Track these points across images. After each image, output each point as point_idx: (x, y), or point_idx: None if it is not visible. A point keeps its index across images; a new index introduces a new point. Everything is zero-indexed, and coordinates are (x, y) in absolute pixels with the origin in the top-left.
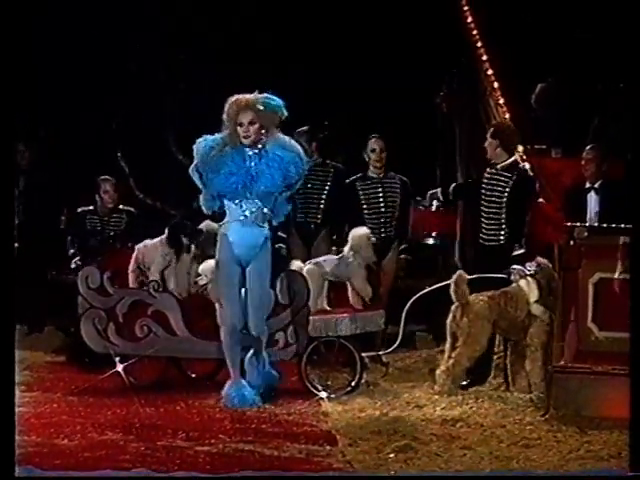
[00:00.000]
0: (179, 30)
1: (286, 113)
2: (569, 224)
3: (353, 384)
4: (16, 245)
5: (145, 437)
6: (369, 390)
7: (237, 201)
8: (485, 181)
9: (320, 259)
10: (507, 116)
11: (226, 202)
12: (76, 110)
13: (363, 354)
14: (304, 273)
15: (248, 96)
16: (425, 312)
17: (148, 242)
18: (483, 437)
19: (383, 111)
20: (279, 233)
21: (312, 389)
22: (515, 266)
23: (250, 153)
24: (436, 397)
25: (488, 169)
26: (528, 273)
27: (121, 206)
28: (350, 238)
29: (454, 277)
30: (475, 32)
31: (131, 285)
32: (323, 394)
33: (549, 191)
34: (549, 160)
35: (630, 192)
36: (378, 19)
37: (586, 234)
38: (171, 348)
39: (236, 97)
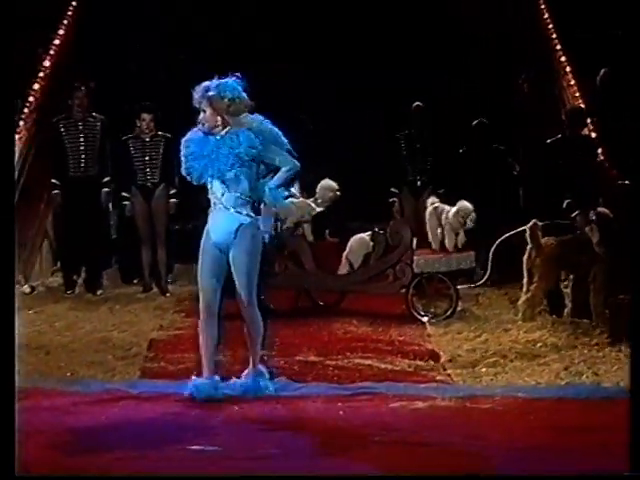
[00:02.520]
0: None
1: (238, 96)
2: None
3: (450, 311)
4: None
5: (284, 353)
6: (464, 316)
7: (209, 186)
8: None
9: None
10: (577, 94)
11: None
12: None
13: (458, 287)
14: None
15: (202, 84)
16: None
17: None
18: (558, 355)
19: None
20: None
21: (417, 315)
22: (579, 213)
23: (212, 139)
24: (519, 322)
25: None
26: (591, 220)
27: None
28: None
29: (529, 224)
30: (550, 25)
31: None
32: (425, 319)
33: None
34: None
35: None
36: None
37: None
38: (303, 281)
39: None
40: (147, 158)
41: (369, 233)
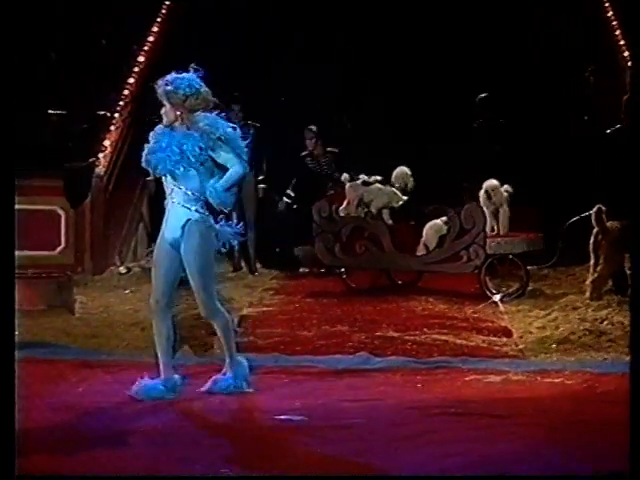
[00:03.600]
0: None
1: (195, 92)
2: None
3: (521, 291)
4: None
5: (365, 329)
6: (535, 295)
7: (163, 181)
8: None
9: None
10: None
11: None
12: None
13: (528, 267)
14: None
15: (164, 77)
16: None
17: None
18: (624, 333)
19: None
20: None
21: (490, 294)
22: None
23: (169, 134)
24: (587, 301)
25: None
26: None
27: (329, 148)
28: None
29: (594, 209)
30: (614, 22)
31: (352, 214)
32: (498, 298)
33: None
34: None
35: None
36: None
37: None
38: (382, 261)
39: None
40: None
41: (443, 218)
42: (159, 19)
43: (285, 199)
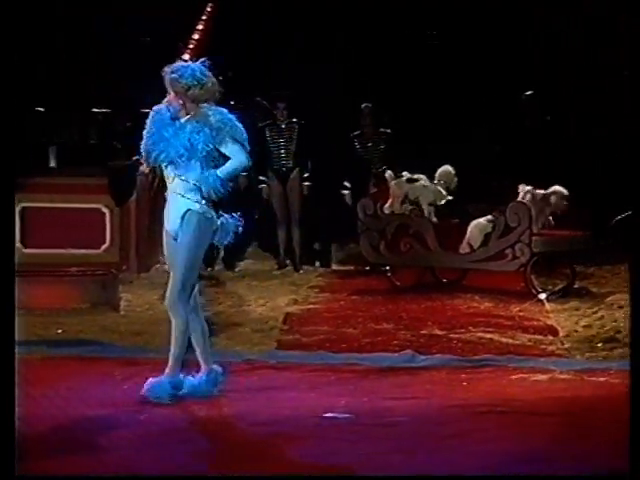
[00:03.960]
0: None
1: (198, 82)
2: None
3: (567, 289)
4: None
5: (410, 327)
6: (581, 293)
7: (163, 170)
8: None
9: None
10: None
11: None
12: None
13: (574, 266)
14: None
15: (171, 65)
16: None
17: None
18: None
19: None
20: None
21: (536, 293)
22: None
23: (173, 124)
24: None
25: None
26: None
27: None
28: None
29: None
30: None
31: (397, 212)
32: (544, 296)
33: None
34: None
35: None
36: None
37: None
38: (427, 259)
39: None
40: (282, 143)
41: (488, 217)
42: (204, 17)
43: (345, 191)
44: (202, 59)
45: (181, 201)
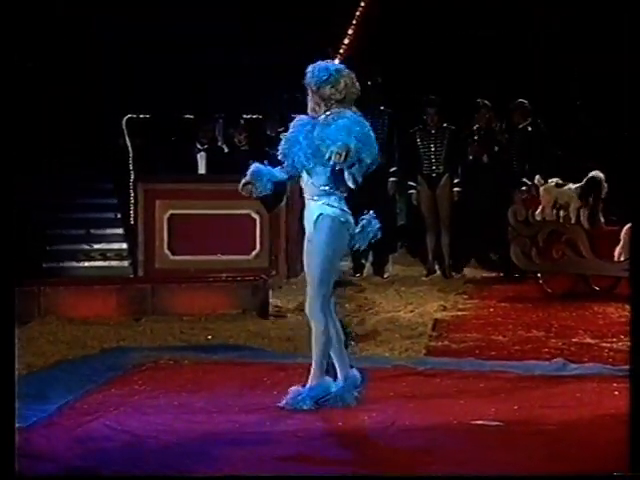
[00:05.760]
0: None
1: (329, 80)
2: None
3: None
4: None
5: (561, 335)
6: None
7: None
8: None
9: None
10: None
11: None
12: None
13: None
14: None
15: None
16: None
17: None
18: None
19: None
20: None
21: None
22: None
23: (308, 125)
24: None
25: None
26: None
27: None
28: None
29: None
30: None
31: (548, 218)
32: None
33: None
34: None
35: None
36: None
37: None
38: (580, 267)
39: None
40: (433, 149)
41: None
42: (355, 21)
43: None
44: (346, 61)
45: (314, 205)
